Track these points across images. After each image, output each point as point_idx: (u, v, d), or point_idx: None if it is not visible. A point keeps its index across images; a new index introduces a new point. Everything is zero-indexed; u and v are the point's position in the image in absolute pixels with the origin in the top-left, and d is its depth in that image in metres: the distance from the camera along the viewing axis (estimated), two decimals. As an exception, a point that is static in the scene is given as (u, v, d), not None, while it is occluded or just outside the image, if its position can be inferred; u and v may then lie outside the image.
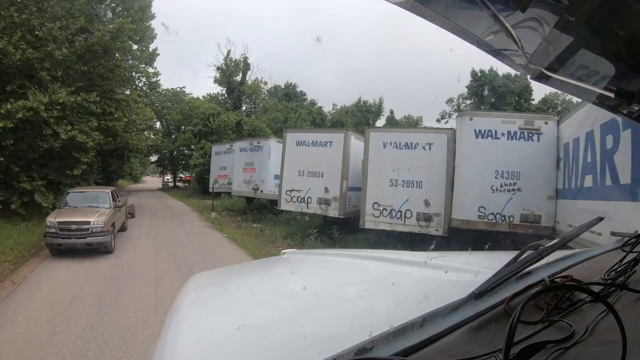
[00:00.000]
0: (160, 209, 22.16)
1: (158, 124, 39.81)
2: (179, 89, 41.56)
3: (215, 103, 35.14)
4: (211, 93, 38.85)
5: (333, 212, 11.58)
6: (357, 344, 0.80)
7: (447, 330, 0.88)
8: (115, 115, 17.46)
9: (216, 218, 17.89)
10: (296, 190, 12.31)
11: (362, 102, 45.61)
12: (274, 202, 15.52)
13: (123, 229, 13.23)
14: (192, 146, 34.05)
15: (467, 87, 38.24)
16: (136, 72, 22.65)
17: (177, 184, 45.35)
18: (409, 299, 1.22)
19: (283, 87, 44.59)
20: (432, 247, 9.27)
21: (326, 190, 11.71)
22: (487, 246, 7.99)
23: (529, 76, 0.98)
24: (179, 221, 17.35)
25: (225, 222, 16.65)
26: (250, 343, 1.08)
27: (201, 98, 38.66)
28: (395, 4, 0.74)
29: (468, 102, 38.74)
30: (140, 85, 24.27)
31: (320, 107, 42.83)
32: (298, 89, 45.06)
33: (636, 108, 0.92)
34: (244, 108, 38.71)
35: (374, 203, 10.25)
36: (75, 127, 14.76)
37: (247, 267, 2.58)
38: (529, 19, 0.78)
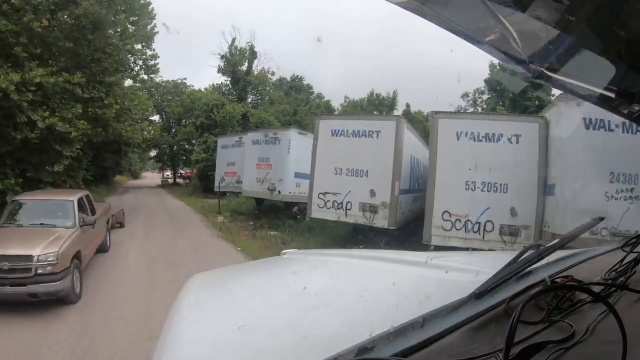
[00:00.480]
0: (158, 211, 19.13)
1: (157, 117, 37.48)
2: (179, 81, 38.70)
3: (219, 94, 32.72)
4: (214, 84, 35.93)
5: (381, 221, 9.02)
6: (357, 343, 0.80)
7: (447, 330, 0.88)
8: (106, 102, 14.74)
9: (224, 223, 14.72)
10: (332, 194, 9.66)
11: (374, 95, 42.18)
12: (290, 205, 13.77)
13: (103, 249, 9.26)
14: (194, 140, 31.47)
15: (485, 80, 36.00)
16: (132, 55, 19.19)
17: (177, 180, 42.46)
18: (409, 299, 1.22)
19: (289, 79, 41.72)
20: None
21: (372, 193, 9.12)
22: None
23: (529, 76, 0.98)
24: (179, 228, 14.19)
25: (235, 229, 13.58)
26: (250, 343, 1.08)
27: (203, 90, 35.82)
28: (396, 3, 0.74)
29: (485, 96, 36.78)
30: (136, 69, 20.98)
31: (329, 101, 41.04)
32: (304, 82, 42.30)
33: (636, 108, 0.92)
34: (249, 100, 36.06)
35: (444, 212, 7.91)
36: (57, 113, 12.37)
37: (247, 267, 2.58)
38: (529, 18, 0.78)
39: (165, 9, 45.21)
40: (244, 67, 34.51)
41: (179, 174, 43.15)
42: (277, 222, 13.57)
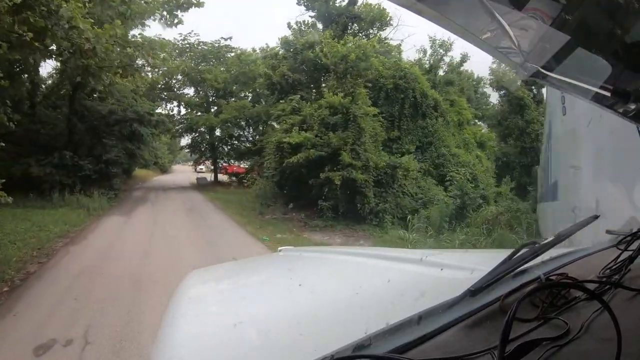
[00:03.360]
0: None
1: (191, 91, 28.25)
2: (222, 41, 26.97)
3: (288, 49, 17.60)
4: (284, 36, 18.75)
5: None
6: (354, 341, 0.80)
7: (443, 327, 0.88)
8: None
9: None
10: None
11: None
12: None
13: None
14: (272, 110, 16.78)
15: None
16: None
17: (218, 176, 29.94)
18: (405, 296, 1.22)
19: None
20: None
21: None
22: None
23: (525, 74, 0.98)
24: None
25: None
26: (246, 340, 1.09)
27: (258, 51, 25.17)
28: (393, 1, 0.74)
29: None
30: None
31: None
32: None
33: (632, 107, 0.92)
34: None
35: None
36: None
37: (244, 265, 2.59)
38: (526, 17, 0.78)
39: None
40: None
41: (223, 169, 30.23)
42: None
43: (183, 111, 28.45)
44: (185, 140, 31.15)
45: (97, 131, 17.76)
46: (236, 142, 27.68)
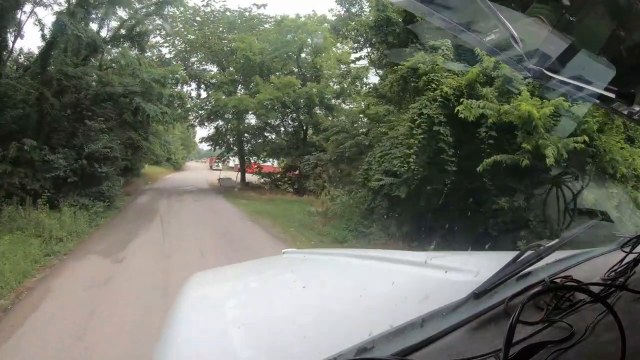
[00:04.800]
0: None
1: (214, 68, 21.96)
2: (254, 9, 21.15)
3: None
4: None
5: None
6: (357, 343, 0.80)
7: (447, 330, 0.88)
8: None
9: None
10: None
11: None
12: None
13: None
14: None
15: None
16: None
17: (245, 176, 23.09)
18: (408, 298, 1.22)
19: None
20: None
21: None
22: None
23: (529, 76, 0.98)
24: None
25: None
26: (250, 342, 1.09)
27: (303, 18, 19.87)
28: (396, 3, 0.74)
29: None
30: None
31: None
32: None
33: (637, 109, 0.92)
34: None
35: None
36: None
37: (246, 267, 2.59)
38: (530, 19, 0.78)
39: None
40: None
41: (255, 167, 22.51)
42: None
43: (204, 95, 22.09)
44: (203, 132, 25.25)
45: (79, 109, 12.16)
46: (272, 133, 21.49)
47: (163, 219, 11.89)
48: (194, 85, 21.94)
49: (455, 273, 1.41)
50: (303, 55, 19.97)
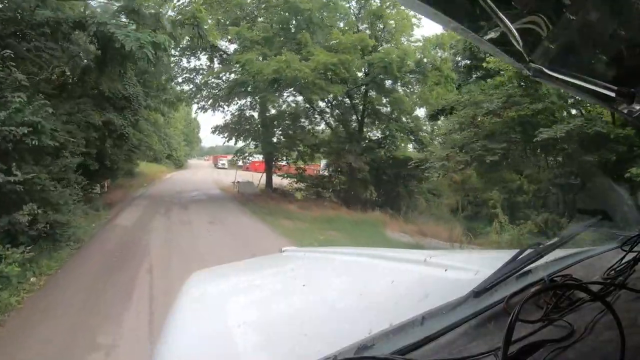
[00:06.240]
0: None
1: (232, 46, 16.03)
2: None
3: None
4: None
5: None
6: (357, 341, 0.80)
7: (446, 328, 0.88)
8: None
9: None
10: None
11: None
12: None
13: None
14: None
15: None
16: None
17: (271, 181, 18.14)
18: (408, 297, 1.22)
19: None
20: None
21: None
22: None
23: (529, 74, 0.98)
24: None
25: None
26: (250, 341, 1.09)
27: None
28: (400, 2, 0.74)
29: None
30: None
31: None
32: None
33: (637, 108, 0.92)
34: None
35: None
36: None
37: (246, 265, 2.59)
38: (530, 16, 0.78)
39: None
40: None
41: (294, 169, 17.53)
42: None
43: (217, 67, 16.01)
44: (210, 123, 18.49)
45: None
46: (307, 122, 15.42)
47: (154, 290, 5.69)
48: (204, 58, 16.31)
49: (455, 271, 1.41)
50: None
